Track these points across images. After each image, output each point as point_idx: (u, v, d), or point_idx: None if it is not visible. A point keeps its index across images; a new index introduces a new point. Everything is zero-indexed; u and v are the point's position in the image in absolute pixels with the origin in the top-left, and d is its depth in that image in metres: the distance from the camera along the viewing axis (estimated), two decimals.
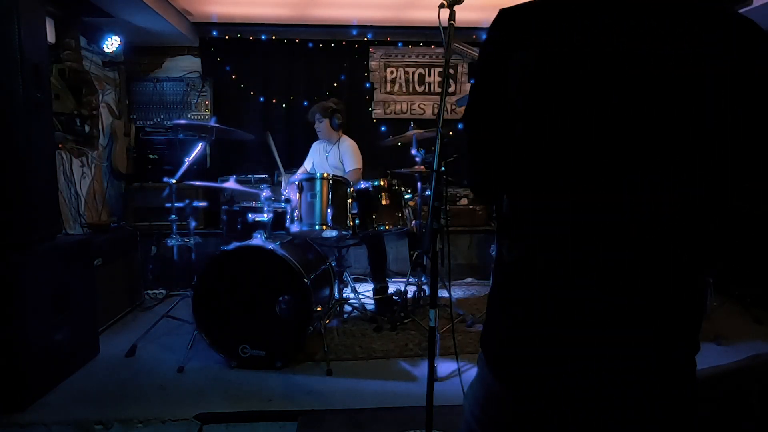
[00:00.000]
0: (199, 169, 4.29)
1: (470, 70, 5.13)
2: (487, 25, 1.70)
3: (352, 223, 3.06)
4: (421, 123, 4.62)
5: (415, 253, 3.55)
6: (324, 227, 2.94)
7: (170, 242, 3.29)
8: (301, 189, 2.98)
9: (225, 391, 2.52)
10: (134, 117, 4.78)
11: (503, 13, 0.91)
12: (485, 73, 0.95)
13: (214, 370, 2.75)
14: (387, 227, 3.16)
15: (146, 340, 3.06)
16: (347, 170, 3.88)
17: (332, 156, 3.97)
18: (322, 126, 3.88)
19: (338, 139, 3.97)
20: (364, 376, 2.71)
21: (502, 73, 0.88)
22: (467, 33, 4.86)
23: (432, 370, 1.72)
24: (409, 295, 3.62)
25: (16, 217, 2.36)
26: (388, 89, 5.16)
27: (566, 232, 0.85)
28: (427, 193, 3.38)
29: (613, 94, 0.80)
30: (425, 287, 3.60)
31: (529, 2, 0.88)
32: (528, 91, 0.85)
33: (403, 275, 4.15)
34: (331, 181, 3.01)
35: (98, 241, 3.30)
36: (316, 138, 4.09)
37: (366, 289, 4.07)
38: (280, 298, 2.70)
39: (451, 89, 5.09)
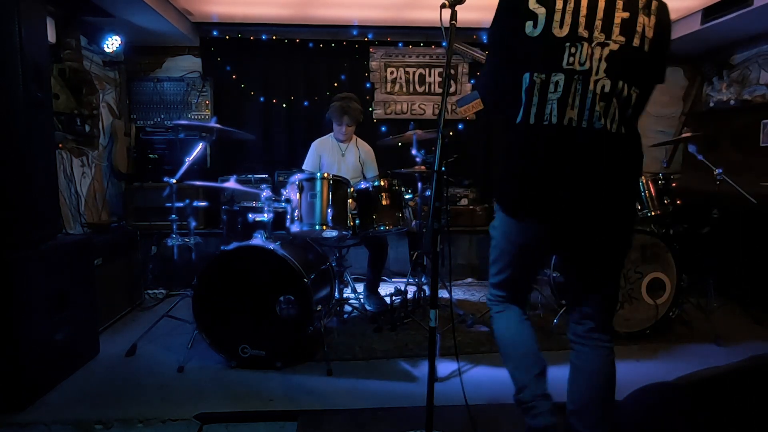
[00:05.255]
0: (199, 169, 4.30)
1: (470, 70, 5.13)
2: (488, 25, 1.71)
3: (352, 224, 3.05)
4: (421, 123, 4.64)
5: (416, 253, 3.55)
6: (324, 227, 2.93)
7: (170, 242, 3.28)
8: (301, 189, 2.98)
9: (225, 391, 2.52)
10: (134, 117, 4.79)
11: None
12: (508, 13, 1.61)
13: (214, 370, 2.75)
14: (387, 227, 3.15)
15: (146, 340, 3.06)
16: (371, 175, 3.91)
17: (350, 156, 3.93)
18: (350, 130, 3.87)
19: (351, 140, 3.96)
20: (364, 376, 2.71)
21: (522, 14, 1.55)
22: (468, 33, 4.86)
23: (432, 370, 1.72)
24: (409, 295, 3.62)
25: (17, 216, 2.36)
26: (388, 89, 5.16)
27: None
28: (428, 193, 3.38)
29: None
30: (425, 287, 3.60)
31: None
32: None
33: (403, 275, 4.15)
34: (331, 181, 3.01)
35: (98, 241, 3.30)
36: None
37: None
38: (281, 298, 2.70)
39: (452, 89, 5.09)
